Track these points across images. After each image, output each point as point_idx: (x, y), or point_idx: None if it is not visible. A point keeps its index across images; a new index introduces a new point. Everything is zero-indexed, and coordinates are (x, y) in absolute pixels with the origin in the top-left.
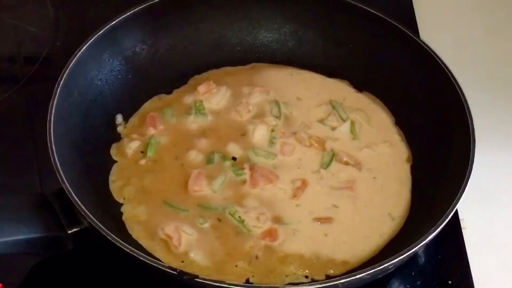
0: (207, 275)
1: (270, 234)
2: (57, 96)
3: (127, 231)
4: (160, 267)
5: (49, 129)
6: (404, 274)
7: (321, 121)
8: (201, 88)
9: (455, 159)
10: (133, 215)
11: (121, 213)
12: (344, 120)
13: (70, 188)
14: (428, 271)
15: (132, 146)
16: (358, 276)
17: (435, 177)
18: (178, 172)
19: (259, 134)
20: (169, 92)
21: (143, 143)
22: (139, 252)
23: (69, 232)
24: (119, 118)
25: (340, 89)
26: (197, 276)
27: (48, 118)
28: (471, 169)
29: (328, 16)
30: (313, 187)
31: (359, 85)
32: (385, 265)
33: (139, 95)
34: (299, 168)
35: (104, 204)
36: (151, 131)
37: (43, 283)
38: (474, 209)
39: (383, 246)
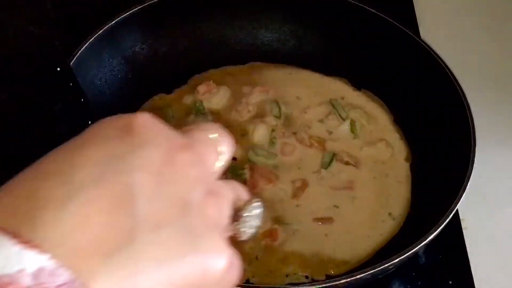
0: None
1: (270, 234)
2: None
3: None
4: None
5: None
6: (405, 274)
7: (321, 120)
8: (201, 88)
9: (456, 159)
10: None
11: None
12: (343, 119)
13: None
14: (429, 271)
15: None
16: (358, 276)
17: (435, 176)
18: None
19: (259, 134)
20: (169, 92)
21: None
22: None
23: None
24: None
25: (338, 87)
26: None
27: None
28: (472, 168)
29: (328, 16)
30: (314, 187)
31: (359, 84)
32: (385, 265)
33: (139, 95)
34: (299, 168)
35: None
36: None
37: None
38: (475, 209)
39: (384, 246)
